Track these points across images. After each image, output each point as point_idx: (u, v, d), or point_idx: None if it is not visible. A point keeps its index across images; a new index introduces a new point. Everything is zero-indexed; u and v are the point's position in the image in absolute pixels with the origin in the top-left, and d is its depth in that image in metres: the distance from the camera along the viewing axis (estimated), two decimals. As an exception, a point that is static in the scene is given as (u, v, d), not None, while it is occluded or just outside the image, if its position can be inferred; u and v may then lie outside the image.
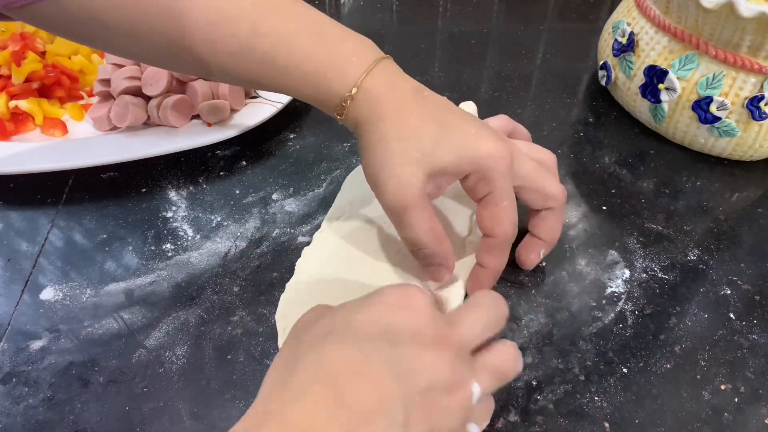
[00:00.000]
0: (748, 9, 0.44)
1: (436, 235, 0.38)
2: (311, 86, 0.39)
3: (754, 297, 0.44)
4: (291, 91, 0.40)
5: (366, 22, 0.70)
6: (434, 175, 0.37)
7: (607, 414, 0.37)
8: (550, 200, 0.41)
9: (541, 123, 0.57)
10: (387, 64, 0.40)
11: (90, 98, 0.57)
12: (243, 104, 0.54)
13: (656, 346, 0.41)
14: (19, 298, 0.43)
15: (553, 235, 0.42)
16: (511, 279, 0.44)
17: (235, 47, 0.38)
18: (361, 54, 0.39)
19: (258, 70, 0.39)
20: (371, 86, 0.38)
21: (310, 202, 0.49)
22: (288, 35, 0.38)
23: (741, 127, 0.50)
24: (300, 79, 0.39)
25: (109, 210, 0.48)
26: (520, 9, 0.73)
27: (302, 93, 0.40)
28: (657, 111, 0.53)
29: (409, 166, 0.36)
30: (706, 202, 0.51)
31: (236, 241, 0.46)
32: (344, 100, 0.38)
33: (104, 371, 0.39)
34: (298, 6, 0.40)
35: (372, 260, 0.43)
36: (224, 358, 0.39)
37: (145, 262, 0.45)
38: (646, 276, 0.45)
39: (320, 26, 0.39)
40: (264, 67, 0.39)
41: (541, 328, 0.41)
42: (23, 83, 0.54)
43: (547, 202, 0.41)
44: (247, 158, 0.53)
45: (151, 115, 0.52)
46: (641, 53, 0.53)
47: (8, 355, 0.39)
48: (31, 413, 0.37)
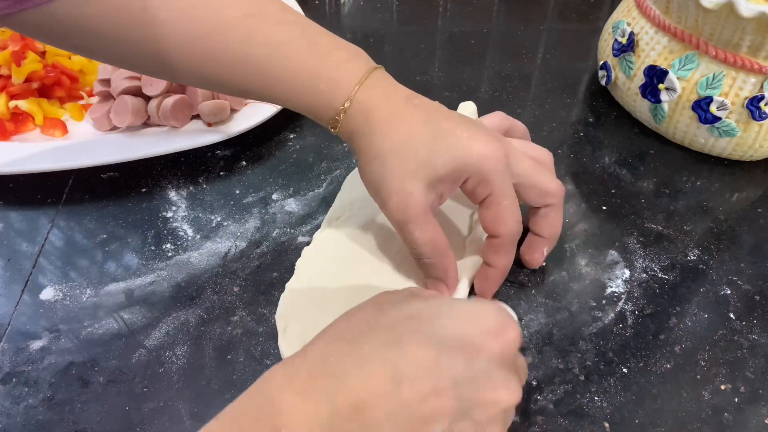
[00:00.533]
0: (748, 9, 0.44)
1: (436, 247, 0.38)
2: (305, 96, 0.39)
3: (754, 297, 0.44)
4: (285, 100, 0.40)
5: (366, 22, 0.70)
6: (433, 185, 0.37)
7: (607, 414, 0.37)
8: (548, 197, 0.41)
9: (541, 123, 0.57)
10: (379, 75, 0.39)
11: (90, 98, 0.57)
12: (243, 104, 0.54)
13: (656, 346, 0.41)
14: (19, 298, 0.43)
15: (554, 231, 0.42)
16: (511, 279, 0.44)
17: (229, 56, 0.38)
18: (353, 64, 0.39)
19: (251, 79, 0.39)
20: (364, 98, 0.38)
21: (310, 202, 0.49)
22: (281, 43, 0.38)
23: (741, 127, 0.50)
24: (294, 88, 0.39)
25: (109, 210, 0.48)
26: (520, 9, 0.73)
27: (296, 103, 0.40)
28: (657, 111, 0.53)
29: (409, 180, 0.36)
30: (706, 202, 0.51)
31: (236, 241, 0.46)
32: (338, 113, 0.38)
33: (104, 371, 0.39)
34: (290, 14, 0.40)
35: (372, 260, 0.43)
36: (224, 358, 0.39)
37: (145, 262, 0.45)
38: (646, 276, 0.45)
39: (313, 35, 0.39)
40: (258, 76, 0.39)
41: (541, 328, 0.41)
42: (23, 83, 0.54)
43: (546, 198, 0.41)
44: (247, 158, 0.53)
45: (151, 115, 0.52)
46: (641, 53, 0.53)
47: (8, 355, 0.39)
48: (31, 413, 0.37)
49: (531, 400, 0.38)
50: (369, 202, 0.47)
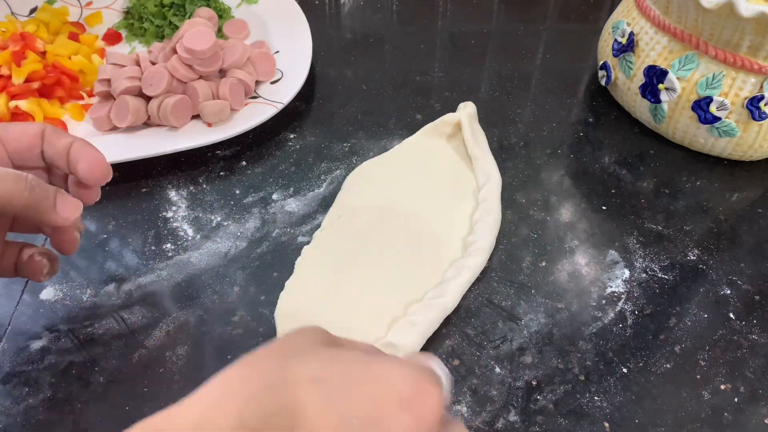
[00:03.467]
0: (748, 9, 0.44)
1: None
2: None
3: (754, 297, 0.44)
4: None
5: (366, 22, 0.70)
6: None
7: (607, 414, 0.37)
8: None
9: (541, 123, 0.57)
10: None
11: (90, 98, 0.57)
12: (243, 104, 0.54)
13: (656, 346, 0.41)
14: (19, 298, 0.43)
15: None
16: (511, 279, 0.44)
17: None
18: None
19: None
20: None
21: (310, 202, 0.49)
22: None
23: (741, 127, 0.50)
24: None
25: (109, 210, 0.48)
26: (520, 9, 0.73)
27: None
28: (657, 111, 0.53)
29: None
30: (706, 202, 0.51)
31: (236, 241, 0.46)
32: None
33: (104, 371, 0.39)
34: None
35: (372, 261, 0.43)
36: (224, 358, 0.39)
37: (145, 262, 0.45)
38: (646, 276, 0.45)
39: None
40: None
41: (541, 328, 0.41)
42: (23, 83, 0.54)
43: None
44: (247, 158, 0.53)
45: (151, 115, 0.52)
46: (641, 53, 0.53)
47: (8, 355, 0.39)
48: (31, 413, 0.37)
49: (531, 400, 0.38)
50: (370, 202, 0.47)
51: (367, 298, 0.42)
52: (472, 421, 0.37)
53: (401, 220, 0.46)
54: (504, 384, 0.39)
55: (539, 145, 0.55)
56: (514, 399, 0.38)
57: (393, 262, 0.43)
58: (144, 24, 0.63)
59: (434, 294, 0.41)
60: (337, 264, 0.43)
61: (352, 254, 0.44)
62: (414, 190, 0.48)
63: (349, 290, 0.42)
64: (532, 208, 0.49)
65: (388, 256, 0.44)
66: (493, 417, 0.37)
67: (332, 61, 0.64)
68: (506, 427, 0.37)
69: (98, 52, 0.61)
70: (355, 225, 0.46)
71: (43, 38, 0.59)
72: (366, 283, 0.42)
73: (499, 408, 0.37)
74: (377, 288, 0.42)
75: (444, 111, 0.56)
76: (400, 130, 0.55)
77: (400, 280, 0.42)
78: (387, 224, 0.45)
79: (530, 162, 0.53)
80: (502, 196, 0.48)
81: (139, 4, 0.64)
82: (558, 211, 0.49)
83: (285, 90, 0.56)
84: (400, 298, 0.41)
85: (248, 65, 0.56)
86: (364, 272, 0.43)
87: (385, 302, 0.41)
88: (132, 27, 0.64)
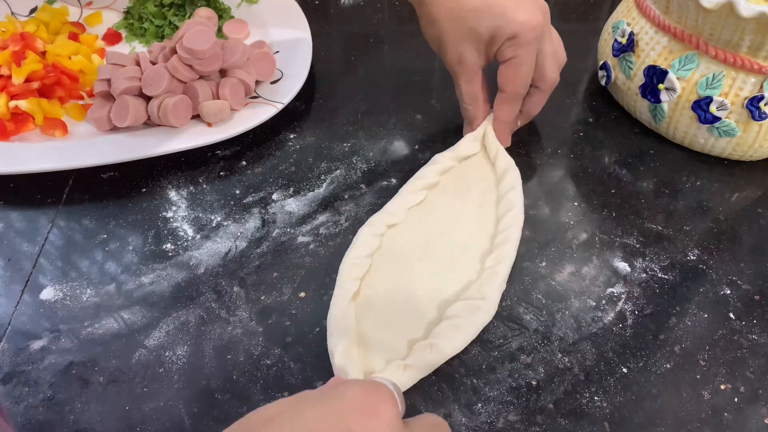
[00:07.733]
0: (748, 9, 0.44)
1: (474, 98, 0.50)
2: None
3: (754, 297, 0.44)
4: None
5: (366, 22, 0.70)
6: (480, 48, 0.47)
7: (607, 414, 0.37)
8: (542, 81, 0.50)
9: (541, 123, 0.57)
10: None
11: (90, 98, 0.57)
12: (243, 104, 0.54)
13: (656, 346, 0.41)
14: (19, 298, 0.43)
15: (531, 109, 0.52)
16: (511, 279, 0.44)
17: None
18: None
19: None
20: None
21: (310, 202, 0.49)
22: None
23: (741, 127, 0.50)
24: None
25: (109, 210, 0.48)
26: (520, 9, 0.73)
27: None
28: (657, 111, 0.53)
29: (460, 44, 0.47)
30: (706, 202, 0.51)
31: (236, 241, 0.46)
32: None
33: (104, 371, 0.39)
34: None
35: (423, 268, 0.44)
36: (224, 358, 0.39)
37: (145, 262, 0.45)
38: (646, 276, 0.45)
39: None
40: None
41: (541, 327, 0.41)
42: (23, 83, 0.54)
43: (539, 81, 0.50)
44: (247, 158, 0.53)
45: (151, 115, 0.52)
46: (641, 53, 0.53)
47: (8, 355, 0.39)
48: (31, 413, 0.37)
49: (531, 400, 0.38)
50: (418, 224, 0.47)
51: (416, 301, 0.42)
52: (472, 421, 0.37)
53: (440, 232, 0.47)
54: (504, 384, 0.39)
55: (539, 145, 0.55)
56: (514, 399, 0.38)
57: (434, 268, 0.44)
58: (144, 24, 0.64)
59: (473, 294, 0.41)
60: (402, 262, 0.44)
61: (413, 257, 0.44)
62: (450, 208, 0.48)
63: (409, 290, 0.43)
64: (532, 208, 0.49)
65: (430, 261, 0.44)
66: (493, 417, 0.37)
67: (332, 61, 0.64)
68: (506, 426, 0.37)
69: (98, 52, 0.61)
70: (410, 234, 0.46)
71: (43, 38, 0.59)
72: (419, 286, 0.43)
73: (499, 408, 0.37)
74: (425, 292, 0.43)
75: (444, 111, 0.56)
76: (400, 130, 0.55)
77: (441, 285, 0.43)
78: (431, 238, 0.46)
79: (530, 162, 0.53)
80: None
81: (139, 4, 0.64)
82: (558, 211, 0.49)
83: (285, 90, 0.56)
84: (439, 301, 0.42)
85: (248, 65, 0.56)
86: (420, 275, 0.43)
87: (428, 305, 0.42)
88: (132, 27, 0.64)
